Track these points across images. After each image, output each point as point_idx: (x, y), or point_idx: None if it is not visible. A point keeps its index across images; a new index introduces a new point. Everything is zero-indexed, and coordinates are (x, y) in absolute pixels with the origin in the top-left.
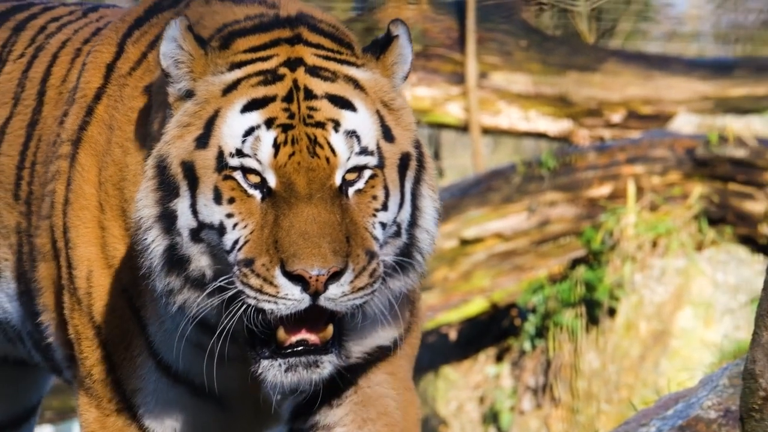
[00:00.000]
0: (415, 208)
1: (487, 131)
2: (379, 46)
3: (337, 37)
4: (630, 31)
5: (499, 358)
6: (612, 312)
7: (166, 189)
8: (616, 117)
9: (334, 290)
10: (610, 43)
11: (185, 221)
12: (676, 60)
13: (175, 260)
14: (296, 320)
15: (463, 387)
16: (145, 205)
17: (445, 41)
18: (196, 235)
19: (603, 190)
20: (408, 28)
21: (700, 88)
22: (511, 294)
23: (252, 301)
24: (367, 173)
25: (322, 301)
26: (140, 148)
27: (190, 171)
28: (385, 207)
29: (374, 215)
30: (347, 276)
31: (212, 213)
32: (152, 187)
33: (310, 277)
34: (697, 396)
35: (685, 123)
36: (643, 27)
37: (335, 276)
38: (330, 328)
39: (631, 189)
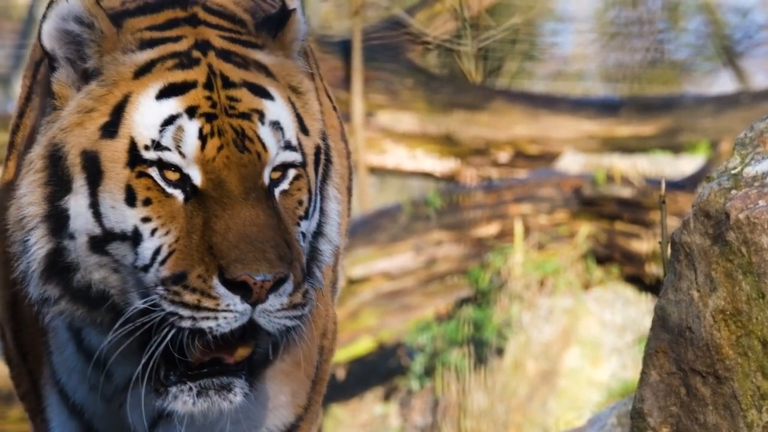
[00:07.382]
0: (321, 212)
1: (373, 170)
2: (275, 23)
3: (228, 15)
4: (516, 70)
5: (387, 398)
6: (500, 351)
7: (58, 183)
8: (503, 156)
9: (273, 300)
10: (496, 82)
11: (82, 224)
12: (563, 99)
13: (59, 267)
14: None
15: (350, 426)
16: (30, 202)
17: (331, 80)
18: (99, 245)
19: (490, 229)
20: (302, 1)
21: (586, 128)
22: (398, 333)
23: (187, 323)
24: (291, 172)
25: (257, 313)
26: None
27: (92, 163)
28: (306, 214)
29: (298, 224)
30: (287, 286)
31: (124, 217)
32: (40, 181)
33: (255, 284)
34: None
35: (571, 162)
36: (530, 67)
37: (278, 284)
38: (247, 347)
39: (518, 228)
